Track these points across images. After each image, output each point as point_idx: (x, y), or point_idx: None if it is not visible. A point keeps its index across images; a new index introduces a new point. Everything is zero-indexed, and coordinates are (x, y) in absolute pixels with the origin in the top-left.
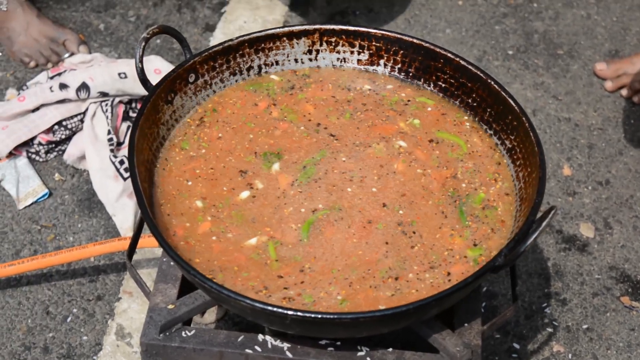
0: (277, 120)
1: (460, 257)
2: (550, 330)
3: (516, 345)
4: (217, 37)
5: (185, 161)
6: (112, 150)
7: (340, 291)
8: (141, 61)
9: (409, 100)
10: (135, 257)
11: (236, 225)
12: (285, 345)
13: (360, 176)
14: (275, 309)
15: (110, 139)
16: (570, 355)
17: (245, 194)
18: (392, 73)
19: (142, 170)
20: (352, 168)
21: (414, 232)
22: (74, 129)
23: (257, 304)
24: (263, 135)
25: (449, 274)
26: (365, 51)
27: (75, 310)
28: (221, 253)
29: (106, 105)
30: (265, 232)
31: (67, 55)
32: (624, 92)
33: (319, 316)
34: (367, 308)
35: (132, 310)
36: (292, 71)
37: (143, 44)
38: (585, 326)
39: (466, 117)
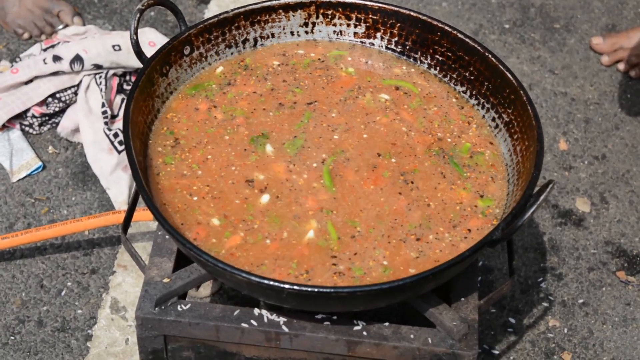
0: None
1: (472, 210)
2: (546, 304)
3: (512, 320)
4: (212, 10)
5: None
6: (106, 123)
7: (385, 253)
8: (136, 33)
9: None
10: (129, 230)
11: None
12: (282, 320)
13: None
14: (271, 283)
15: (104, 112)
16: (565, 330)
17: (265, 198)
18: (389, 46)
19: (137, 143)
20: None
21: (412, 182)
22: (67, 102)
23: (252, 277)
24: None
25: (469, 230)
26: (361, 24)
27: (69, 283)
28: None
29: (100, 77)
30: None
31: (61, 26)
32: (621, 66)
33: (316, 290)
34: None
35: (126, 284)
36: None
37: (138, 15)
38: (580, 301)
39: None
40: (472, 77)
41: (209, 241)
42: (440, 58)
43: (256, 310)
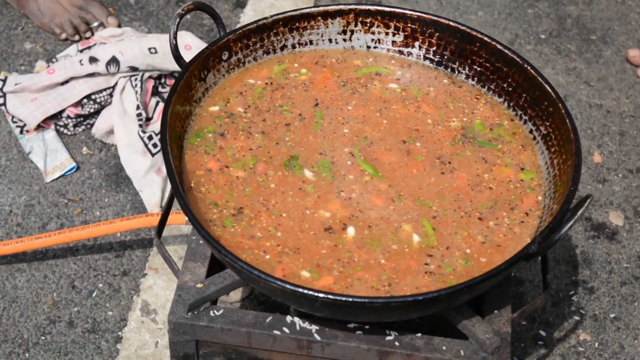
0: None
1: (521, 187)
2: (577, 318)
3: (542, 333)
4: (248, 14)
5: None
6: (140, 126)
7: (463, 234)
8: (175, 37)
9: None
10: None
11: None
12: (314, 328)
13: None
14: (305, 291)
15: (139, 114)
16: (596, 344)
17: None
18: (427, 56)
19: (173, 147)
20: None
21: (452, 165)
22: (102, 103)
23: (287, 286)
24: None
25: (526, 214)
26: (400, 33)
27: (100, 285)
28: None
29: (135, 80)
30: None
31: (96, 23)
32: None
33: (350, 299)
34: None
35: (157, 287)
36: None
37: (178, 20)
38: (612, 315)
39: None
40: (510, 89)
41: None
42: (479, 69)
43: (288, 318)
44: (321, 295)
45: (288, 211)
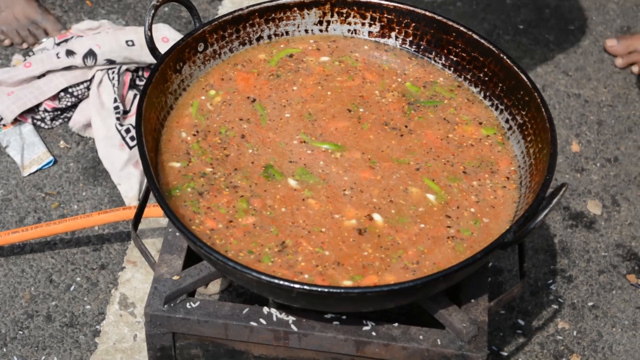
0: None
1: (490, 144)
2: (555, 307)
3: (521, 322)
4: (226, 6)
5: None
6: (118, 119)
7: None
8: (150, 29)
9: None
10: (139, 226)
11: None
12: (291, 319)
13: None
14: (281, 282)
15: (116, 107)
16: (575, 332)
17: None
18: (404, 46)
19: (149, 139)
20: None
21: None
22: (80, 97)
23: (263, 277)
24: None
25: (507, 179)
26: (376, 23)
27: (78, 279)
28: None
29: (113, 73)
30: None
31: (44, 39)
32: (635, 68)
33: (326, 290)
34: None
35: (135, 280)
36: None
37: (152, 11)
38: (590, 303)
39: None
40: (486, 79)
41: None
42: (455, 58)
43: (265, 309)
44: (297, 285)
45: (321, 224)
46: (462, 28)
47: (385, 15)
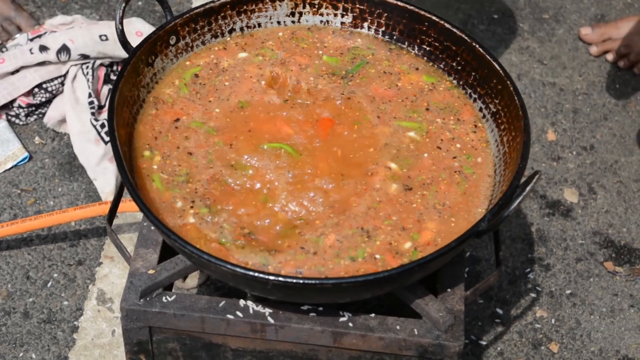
0: None
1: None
2: (533, 295)
3: (499, 311)
4: (200, 0)
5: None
6: (93, 114)
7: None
8: (121, 23)
9: None
10: (116, 221)
11: None
12: (267, 311)
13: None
14: (256, 274)
15: (91, 102)
16: (553, 320)
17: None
18: (376, 36)
19: (122, 133)
20: None
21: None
22: (54, 92)
23: (237, 269)
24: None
25: (475, 126)
26: (348, 13)
27: (55, 275)
28: None
29: (87, 67)
30: None
31: (17, 35)
32: (609, 56)
33: (300, 281)
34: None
35: (113, 275)
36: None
37: (123, 5)
38: (568, 291)
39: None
40: (459, 67)
41: None
42: (428, 48)
43: (242, 302)
44: (271, 277)
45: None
46: (434, 17)
47: (357, 5)
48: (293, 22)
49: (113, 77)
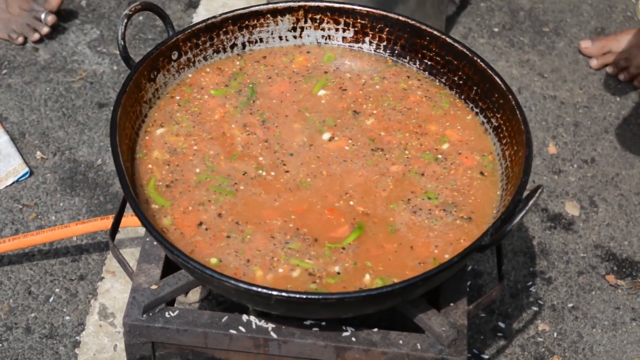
0: None
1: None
2: (535, 309)
3: (501, 324)
4: (201, 14)
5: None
6: None
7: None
8: (123, 39)
9: None
10: (118, 236)
11: None
12: (270, 326)
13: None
14: (259, 290)
15: None
16: (555, 334)
17: None
18: (378, 51)
19: (124, 149)
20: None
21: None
22: None
23: (241, 285)
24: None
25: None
26: (350, 28)
27: (57, 290)
28: None
29: None
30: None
31: (43, 15)
32: (610, 69)
33: (304, 296)
34: None
35: (115, 290)
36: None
37: (125, 20)
38: (570, 305)
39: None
40: (460, 82)
41: None
42: (429, 62)
43: (244, 317)
44: (275, 292)
45: None
46: (435, 32)
47: (359, 20)
48: (295, 37)
49: None
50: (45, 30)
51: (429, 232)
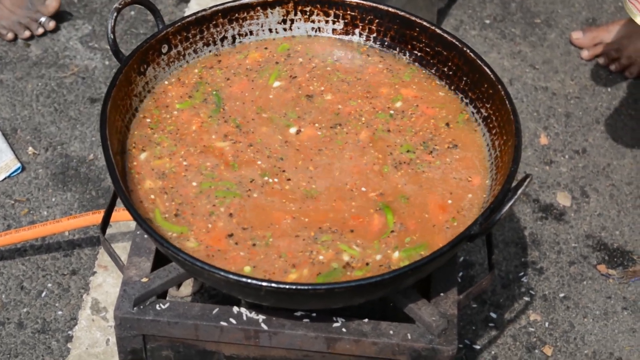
0: None
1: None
2: (527, 299)
3: (493, 315)
4: (192, 8)
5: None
6: None
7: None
8: (113, 32)
9: None
10: (110, 231)
11: None
12: (261, 317)
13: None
14: (249, 281)
15: None
16: (547, 324)
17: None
18: (367, 42)
19: (114, 142)
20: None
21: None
22: None
23: (230, 276)
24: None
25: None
26: (340, 20)
27: (49, 285)
28: None
29: None
30: None
31: (43, 19)
32: (601, 60)
33: (294, 287)
34: None
35: (107, 285)
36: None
37: (115, 14)
38: (562, 295)
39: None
40: (450, 72)
41: None
42: (419, 54)
43: (235, 309)
44: (264, 284)
45: None
46: (425, 23)
47: (349, 12)
48: (285, 29)
49: None
50: (39, 31)
51: (436, 184)
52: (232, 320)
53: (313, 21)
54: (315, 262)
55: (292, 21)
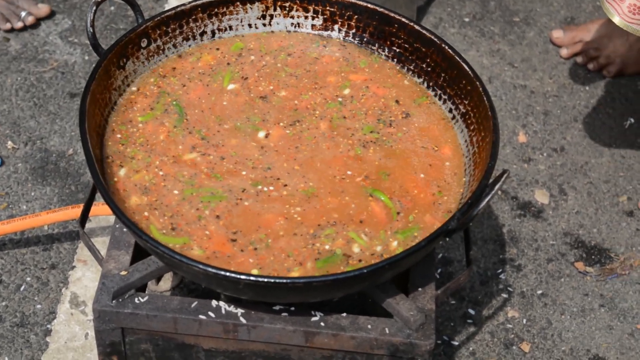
0: None
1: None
2: (505, 295)
3: (471, 311)
4: (172, 3)
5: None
6: None
7: None
8: (92, 26)
9: None
10: (90, 225)
11: None
12: (239, 311)
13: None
14: (227, 274)
15: None
16: (524, 321)
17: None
18: (347, 38)
19: (93, 135)
20: None
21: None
22: None
23: (209, 269)
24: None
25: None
26: (319, 16)
27: (28, 278)
28: None
29: None
30: None
31: (23, 13)
32: (580, 59)
33: (272, 280)
34: None
35: (86, 279)
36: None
37: (94, 7)
38: (539, 292)
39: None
40: (429, 69)
41: None
42: (398, 50)
43: (214, 302)
44: (243, 277)
45: None
46: (403, 19)
47: (328, 8)
48: (264, 24)
49: None
50: (19, 25)
51: (412, 156)
52: (211, 314)
53: (292, 17)
54: (322, 252)
55: (271, 16)
